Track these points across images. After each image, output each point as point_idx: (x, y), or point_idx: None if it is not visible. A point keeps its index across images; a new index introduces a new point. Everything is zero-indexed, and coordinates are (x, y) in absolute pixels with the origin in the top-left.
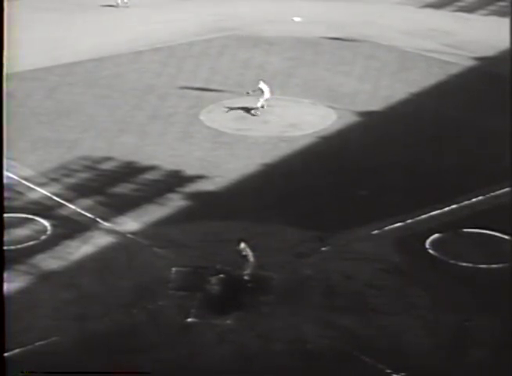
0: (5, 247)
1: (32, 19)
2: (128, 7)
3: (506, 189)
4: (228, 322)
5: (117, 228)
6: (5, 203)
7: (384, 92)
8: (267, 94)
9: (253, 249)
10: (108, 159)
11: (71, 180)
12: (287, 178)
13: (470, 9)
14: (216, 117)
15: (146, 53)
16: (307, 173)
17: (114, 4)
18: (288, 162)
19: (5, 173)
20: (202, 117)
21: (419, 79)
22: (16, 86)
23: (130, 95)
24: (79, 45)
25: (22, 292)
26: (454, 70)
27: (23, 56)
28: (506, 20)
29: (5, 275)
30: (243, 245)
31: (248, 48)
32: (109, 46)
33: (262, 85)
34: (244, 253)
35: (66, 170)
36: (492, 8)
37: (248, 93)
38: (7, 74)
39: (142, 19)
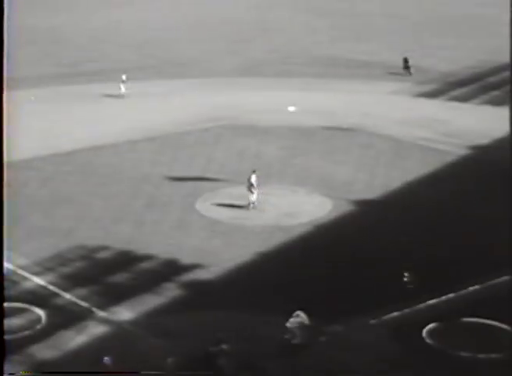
0: None
1: (31, 109)
2: (124, 97)
3: (504, 277)
4: None
5: (112, 317)
6: None
7: (379, 180)
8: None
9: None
10: (104, 248)
11: (66, 269)
12: (284, 267)
13: (463, 99)
14: (212, 206)
15: (143, 142)
16: (304, 262)
17: (113, 94)
18: (285, 251)
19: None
20: (198, 206)
21: (414, 168)
22: (13, 175)
23: (126, 184)
24: (76, 134)
25: None
26: (449, 159)
27: (21, 145)
28: (500, 109)
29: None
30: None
31: (244, 137)
32: (106, 135)
33: (253, 178)
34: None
35: (61, 259)
36: (485, 97)
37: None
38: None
39: (139, 109)
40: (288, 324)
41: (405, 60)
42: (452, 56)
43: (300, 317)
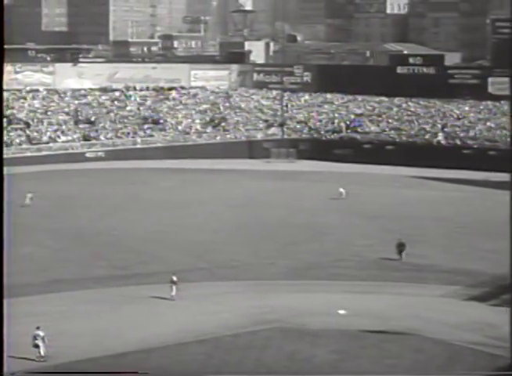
0: None
1: (82, 310)
2: (174, 299)
3: None
4: None
5: None
6: None
7: None
8: None
9: None
10: None
11: None
12: None
13: None
14: None
15: (192, 345)
16: None
17: (163, 296)
18: None
19: None
20: None
21: (467, 373)
22: None
23: None
24: (126, 336)
25: None
26: (501, 363)
27: (70, 346)
28: None
29: None
30: None
31: (293, 340)
32: (155, 337)
33: None
34: None
35: None
36: None
37: None
38: None
39: (190, 311)
40: None
41: (400, 245)
42: (502, 258)
43: None
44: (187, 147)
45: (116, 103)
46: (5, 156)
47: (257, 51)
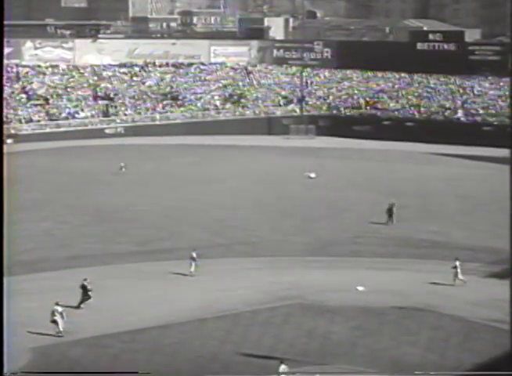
0: None
1: (99, 286)
2: (193, 275)
3: None
4: None
5: None
6: None
7: (450, 362)
8: None
9: None
10: None
11: None
12: None
13: None
14: None
15: (212, 321)
16: None
17: (182, 272)
18: None
19: None
20: None
21: (486, 349)
22: (81, 352)
23: (194, 364)
24: (144, 312)
25: None
26: None
27: (88, 321)
28: None
29: None
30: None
31: (312, 316)
32: (174, 313)
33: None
34: None
35: None
36: None
37: None
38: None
39: (208, 288)
40: None
41: (390, 208)
42: None
43: None
44: (206, 123)
45: (135, 78)
46: (25, 132)
47: (276, 27)
